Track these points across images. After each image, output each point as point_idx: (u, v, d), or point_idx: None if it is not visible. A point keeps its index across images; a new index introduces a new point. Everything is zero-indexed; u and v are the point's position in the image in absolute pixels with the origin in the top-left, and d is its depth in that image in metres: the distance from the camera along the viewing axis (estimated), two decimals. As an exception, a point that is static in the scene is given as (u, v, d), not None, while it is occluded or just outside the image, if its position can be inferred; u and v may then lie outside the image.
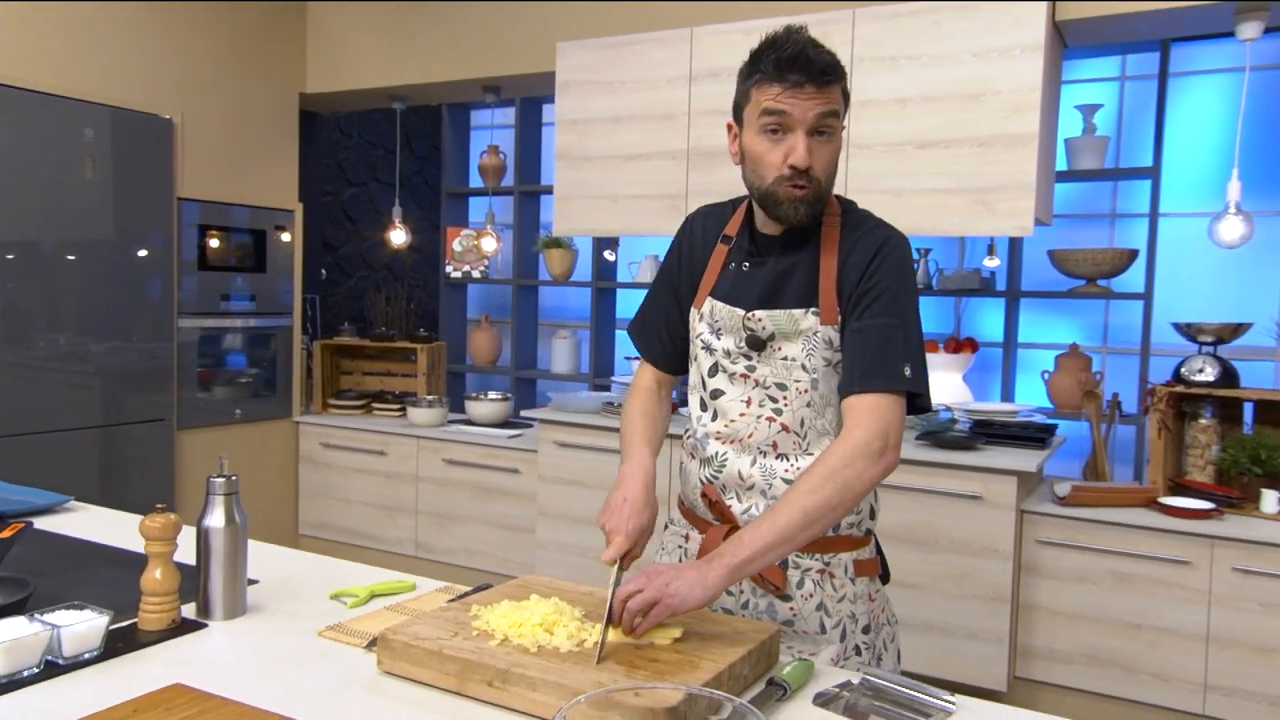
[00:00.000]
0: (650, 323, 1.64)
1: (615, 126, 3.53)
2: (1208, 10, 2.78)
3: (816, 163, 1.37)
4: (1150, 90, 3.88)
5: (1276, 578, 2.61)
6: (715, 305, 1.51)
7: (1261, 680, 2.65)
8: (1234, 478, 2.89)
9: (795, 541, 1.31)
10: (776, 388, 1.45)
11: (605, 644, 1.27)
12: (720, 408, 1.51)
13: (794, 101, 1.35)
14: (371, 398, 4.54)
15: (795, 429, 1.45)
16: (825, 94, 1.35)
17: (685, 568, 1.29)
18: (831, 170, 1.41)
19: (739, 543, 1.30)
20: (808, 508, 1.29)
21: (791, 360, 1.44)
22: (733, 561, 1.28)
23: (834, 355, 1.43)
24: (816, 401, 1.44)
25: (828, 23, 3.11)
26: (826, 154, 1.38)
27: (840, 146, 1.42)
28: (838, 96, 1.37)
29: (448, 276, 5.21)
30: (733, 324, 1.48)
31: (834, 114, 1.36)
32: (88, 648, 1.32)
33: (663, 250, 4.56)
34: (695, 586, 1.26)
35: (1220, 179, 3.78)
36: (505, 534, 3.87)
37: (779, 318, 1.44)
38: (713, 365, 1.52)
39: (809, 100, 1.34)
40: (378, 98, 4.46)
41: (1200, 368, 2.90)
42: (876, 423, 1.32)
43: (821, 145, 1.37)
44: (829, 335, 1.42)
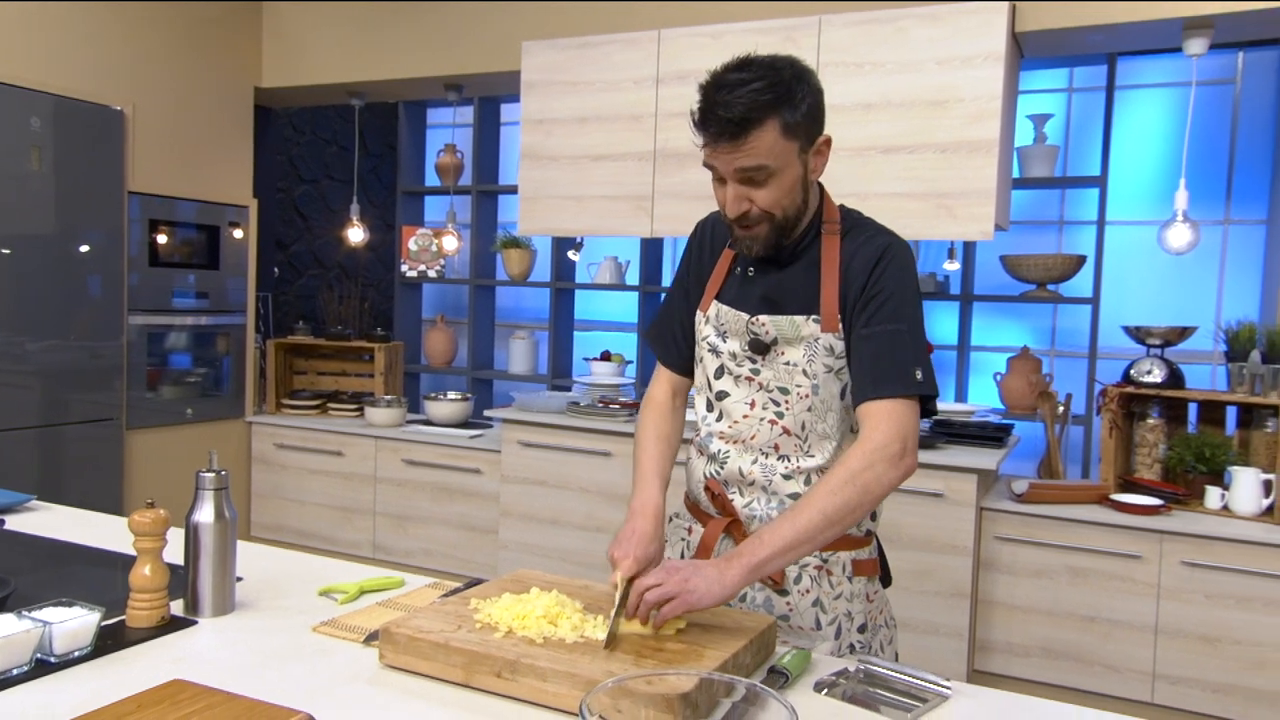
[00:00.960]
0: (667, 327, 1.66)
1: (582, 127, 3.54)
2: (1157, 26, 2.90)
3: (760, 202, 1.38)
4: (1095, 102, 4.02)
5: (1221, 570, 2.72)
6: (721, 309, 1.54)
7: (1206, 669, 2.76)
8: (1180, 475, 3.01)
9: (815, 542, 1.33)
10: (779, 391, 1.48)
11: (615, 634, 1.29)
12: (726, 408, 1.54)
13: (716, 156, 1.36)
14: (327, 398, 4.47)
15: (796, 432, 1.48)
16: (742, 147, 1.32)
17: (704, 565, 1.31)
18: (786, 201, 1.39)
19: (759, 542, 1.32)
20: (827, 509, 1.32)
21: (793, 365, 1.47)
22: (752, 561, 1.31)
23: (835, 362, 1.45)
24: (817, 406, 1.47)
25: (795, 28, 3.16)
26: (766, 195, 1.37)
27: (795, 179, 1.38)
28: (762, 145, 1.33)
29: (403, 276, 5.15)
30: (738, 328, 1.51)
31: (757, 167, 1.34)
32: (78, 645, 1.29)
33: (623, 251, 4.61)
34: (714, 584, 1.28)
35: (1161, 189, 3.94)
36: (466, 535, 3.85)
37: (781, 323, 1.47)
38: (719, 367, 1.55)
39: (727, 155, 1.34)
40: (336, 94, 4.40)
41: (1149, 369, 3.02)
42: (894, 426, 1.35)
43: (761, 190, 1.37)
44: (830, 342, 1.45)
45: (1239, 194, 3.86)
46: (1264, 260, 3.80)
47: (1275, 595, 2.67)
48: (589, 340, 5.02)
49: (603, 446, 3.49)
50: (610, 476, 3.50)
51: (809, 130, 1.38)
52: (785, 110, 1.34)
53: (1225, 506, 2.87)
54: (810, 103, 1.37)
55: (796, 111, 1.35)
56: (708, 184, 1.47)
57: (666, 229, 3.42)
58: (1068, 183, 3.80)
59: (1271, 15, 2.78)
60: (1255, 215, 3.82)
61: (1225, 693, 2.74)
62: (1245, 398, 2.88)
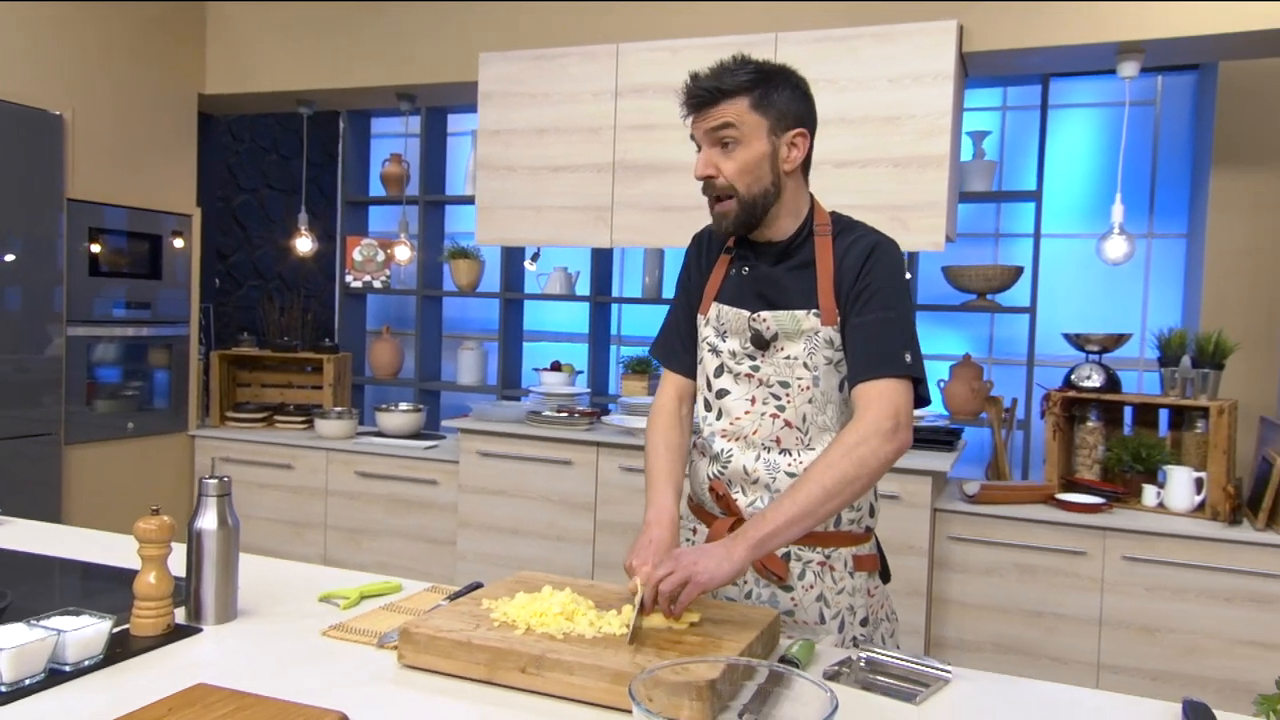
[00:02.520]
0: (672, 336, 1.72)
1: (540, 138, 3.57)
2: (1093, 49, 3.06)
3: (725, 171, 1.50)
4: (1026, 120, 4.21)
5: (1158, 564, 2.88)
6: (721, 309, 1.60)
7: (1146, 658, 2.91)
8: (1118, 474, 3.17)
9: (816, 515, 1.39)
10: (780, 385, 1.54)
11: (638, 629, 1.32)
12: (725, 406, 1.59)
13: (694, 125, 1.53)
14: (273, 410, 4.39)
15: (798, 424, 1.54)
16: (714, 112, 1.48)
17: (710, 547, 1.36)
18: (749, 178, 1.50)
19: (761, 519, 1.38)
20: (826, 482, 1.38)
21: (794, 359, 1.53)
22: (756, 536, 1.36)
23: (834, 354, 1.53)
24: (818, 398, 1.53)
25: (751, 44, 3.25)
26: (733, 163, 1.49)
27: (760, 154, 1.50)
28: (731, 110, 1.47)
29: (347, 286, 5.10)
30: (738, 325, 1.57)
31: (725, 125, 1.48)
32: (90, 654, 1.28)
33: (572, 262, 4.63)
34: (723, 562, 1.33)
35: (1088, 204, 4.15)
36: (422, 546, 3.82)
37: (782, 318, 1.53)
38: (718, 366, 1.60)
39: (702, 121, 1.50)
40: (284, 101, 4.34)
41: (1088, 375, 3.17)
42: (886, 404, 1.43)
43: (725, 155, 1.50)
44: (829, 335, 1.52)
45: (1160, 209, 4.09)
46: (1184, 271, 4.03)
47: (1207, 586, 2.83)
48: (538, 351, 5.03)
49: (563, 455, 3.52)
50: (571, 485, 3.52)
51: (781, 115, 1.49)
52: (758, 90, 1.48)
53: (1161, 503, 3.03)
54: (788, 94, 1.50)
55: (771, 96, 1.48)
56: (667, 195, 1.58)
57: (626, 239, 3.47)
58: (1006, 197, 3.97)
59: (1197, 42, 2.96)
60: (1176, 229, 4.05)
61: (1164, 679, 2.89)
62: (1177, 400, 3.05)
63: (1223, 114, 3.65)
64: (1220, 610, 2.82)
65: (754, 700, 1.21)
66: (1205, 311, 3.67)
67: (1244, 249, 3.62)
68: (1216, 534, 2.83)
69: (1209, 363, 3.04)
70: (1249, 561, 2.80)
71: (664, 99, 3.38)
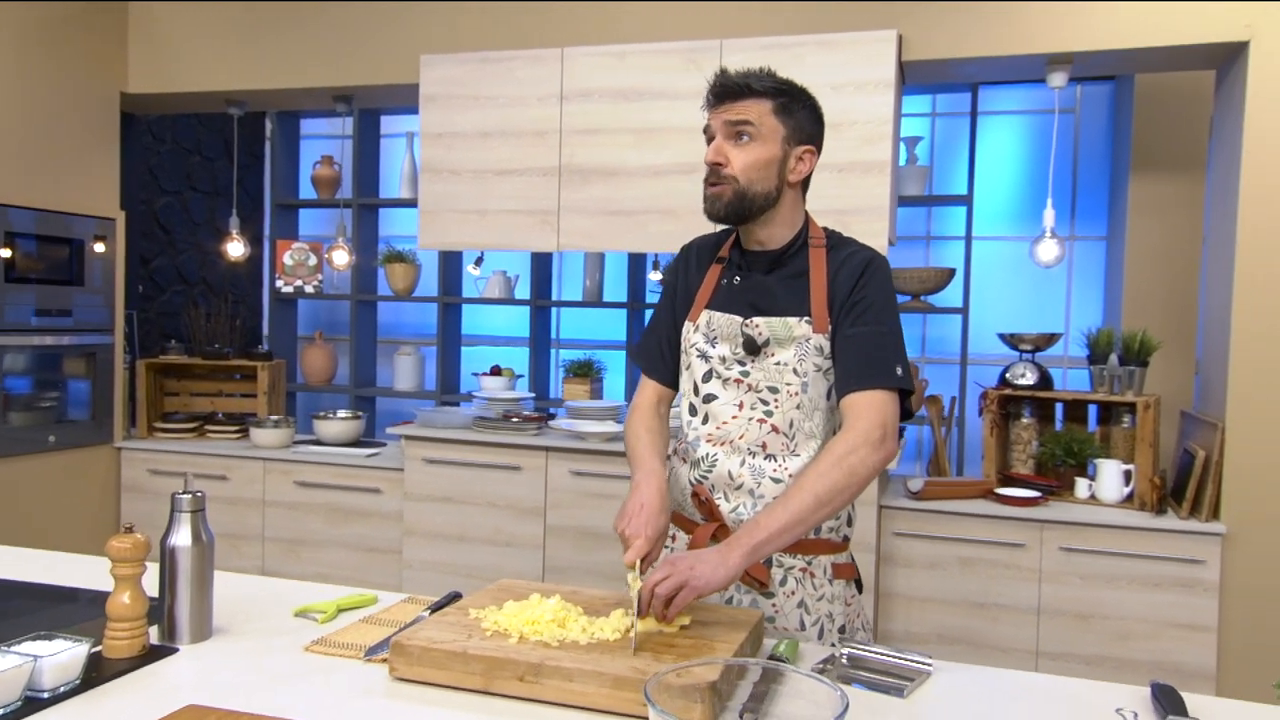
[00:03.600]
0: (654, 342, 1.74)
1: (484, 141, 3.54)
2: (1024, 60, 3.18)
3: (733, 162, 1.55)
4: (955, 126, 4.36)
5: (1092, 554, 3.01)
6: (713, 315, 1.62)
7: (1082, 643, 3.03)
8: (1052, 469, 3.29)
9: (807, 524, 1.42)
10: (769, 391, 1.57)
11: (636, 634, 1.33)
12: (712, 411, 1.61)
13: (713, 116, 1.58)
14: (204, 420, 4.26)
15: (784, 430, 1.57)
16: (733, 106, 1.55)
17: (705, 553, 1.38)
18: (755, 175, 1.55)
19: (755, 526, 1.40)
20: (818, 491, 1.41)
21: (784, 365, 1.56)
22: (751, 543, 1.38)
23: (824, 362, 1.56)
24: (805, 404, 1.56)
25: (698, 50, 3.29)
26: (742, 156, 1.54)
27: (771, 156, 1.55)
28: (755, 109, 1.54)
29: (278, 291, 4.97)
30: (730, 331, 1.59)
31: (743, 121, 1.54)
32: (68, 679, 1.23)
33: (511, 266, 4.61)
34: (718, 568, 1.35)
35: (1012, 208, 4.31)
36: (365, 556, 3.75)
37: (774, 324, 1.56)
38: (707, 371, 1.62)
39: (721, 113, 1.56)
40: (212, 102, 4.21)
41: (1023, 373, 3.29)
42: (876, 415, 1.47)
43: (738, 148, 1.55)
44: (820, 343, 1.55)
45: (1081, 213, 4.26)
46: (1105, 272, 4.21)
47: (1137, 573, 2.97)
48: (477, 355, 4.98)
49: (512, 461, 3.50)
50: (519, 491, 3.50)
51: (798, 128, 1.56)
52: (783, 99, 1.54)
53: (1092, 495, 3.16)
54: (807, 113, 1.57)
55: (791, 107, 1.55)
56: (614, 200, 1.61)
57: (573, 244, 3.47)
58: (939, 201, 4.09)
59: (1121, 55, 3.11)
60: (1096, 232, 4.23)
61: (1097, 664, 3.01)
62: (1106, 397, 3.19)
63: (1140, 123, 3.82)
64: (1149, 595, 2.96)
65: (751, 699, 1.23)
66: (1126, 311, 3.84)
67: (1161, 251, 3.81)
68: (1145, 523, 2.97)
69: (1135, 360, 3.19)
70: (1175, 548, 2.94)
71: (611, 103, 3.39)
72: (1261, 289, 2.90)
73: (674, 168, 3.32)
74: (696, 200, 3.25)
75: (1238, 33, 2.92)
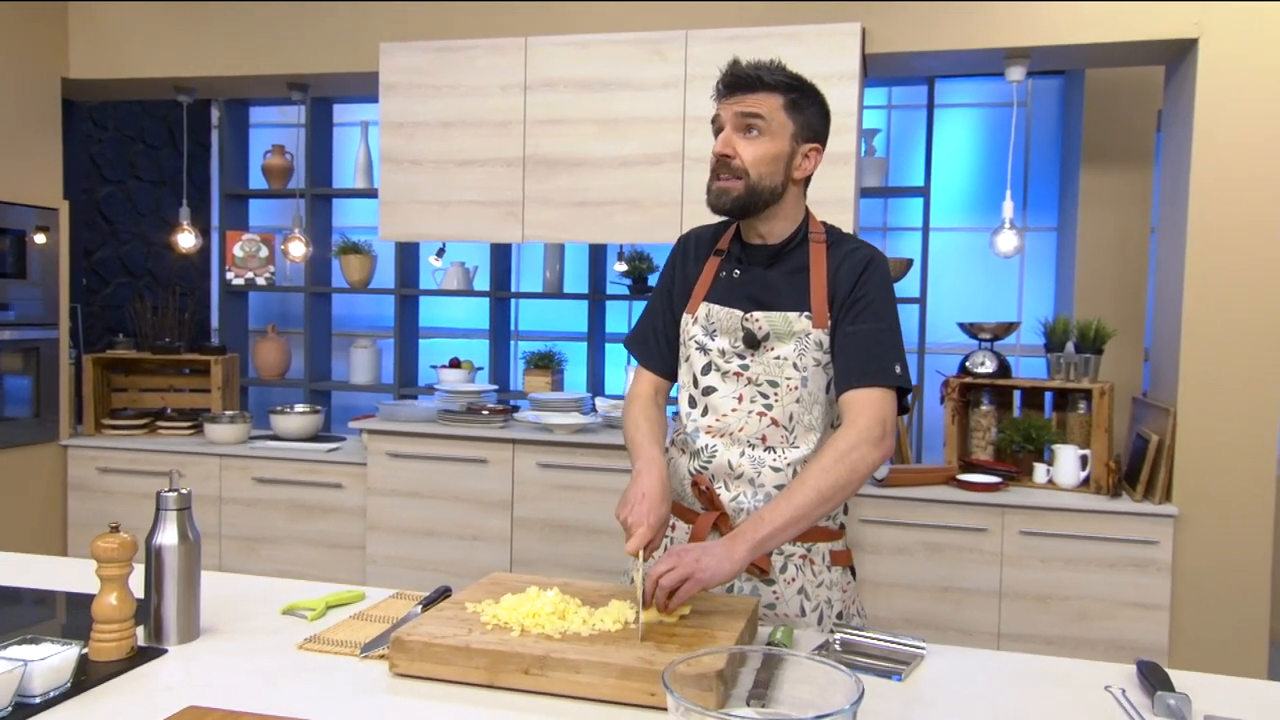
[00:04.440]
0: (650, 333, 1.73)
1: (446, 131, 3.50)
2: (984, 54, 3.24)
3: (743, 155, 1.54)
4: (910, 118, 4.42)
5: (1051, 537, 3.08)
6: (711, 308, 1.62)
7: (1042, 625, 3.11)
8: (1010, 454, 3.37)
9: (810, 518, 1.43)
10: (769, 384, 1.58)
11: (642, 624, 1.33)
12: (712, 403, 1.61)
13: (723, 107, 1.57)
14: (154, 416, 4.15)
15: (784, 423, 1.58)
16: (746, 98, 1.54)
17: (711, 545, 1.38)
18: (764, 169, 1.55)
19: (760, 520, 1.41)
20: (821, 487, 1.42)
21: (784, 359, 1.57)
22: (756, 537, 1.39)
23: (823, 356, 1.57)
24: (805, 398, 1.57)
25: (663, 41, 3.28)
26: (753, 150, 1.54)
27: (780, 151, 1.56)
28: (765, 102, 1.53)
29: (228, 284, 4.86)
30: (730, 325, 1.60)
31: (755, 114, 1.53)
32: (58, 683, 1.19)
33: (470, 257, 4.56)
34: (724, 561, 1.35)
35: (966, 199, 4.39)
36: (327, 552, 3.69)
37: (774, 319, 1.57)
38: (706, 364, 1.62)
39: (733, 104, 1.55)
40: (160, 88, 4.09)
41: (982, 361, 3.36)
42: (875, 413, 1.48)
43: (747, 141, 1.54)
44: (819, 338, 1.56)
45: (1032, 204, 4.36)
46: (1056, 262, 4.31)
47: (1094, 555, 3.05)
48: (434, 348, 4.93)
49: (478, 454, 3.47)
50: (485, 484, 3.47)
51: (806, 125, 1.56)
52: (794, 95, 1.54)
53: (1050, 480, 3.24)
54: (816, 110, 1.57)
55: (801, 104, 1.55)
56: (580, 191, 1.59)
57: (538, 235, 3.45)
58: (897, 193, 4.15)
59: (1077, 50, 3.18)
60: (1048, 223, 4.33)
61: (1058, 644, 3.10)
62: (1063, 384, 3.27)
63: (1090, 116, 3.92)
64: (1106, 576, 3.05)
65: (756, 685, 1.24)
66: (1078, 300, 3.94)
67: (1112, 241, 3.91)
68: (1101, 506, 3.05)
69: (1090, 348, 3.27)
70: (1129, 530, 3.03)
71: (575, 94, 3.37)
72: (1211, 279, 3.00)
73: (640, 159, 3.32)
74: (663, 191, 3.28)
75: (1187, 30, 3.01)
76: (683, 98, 3.27)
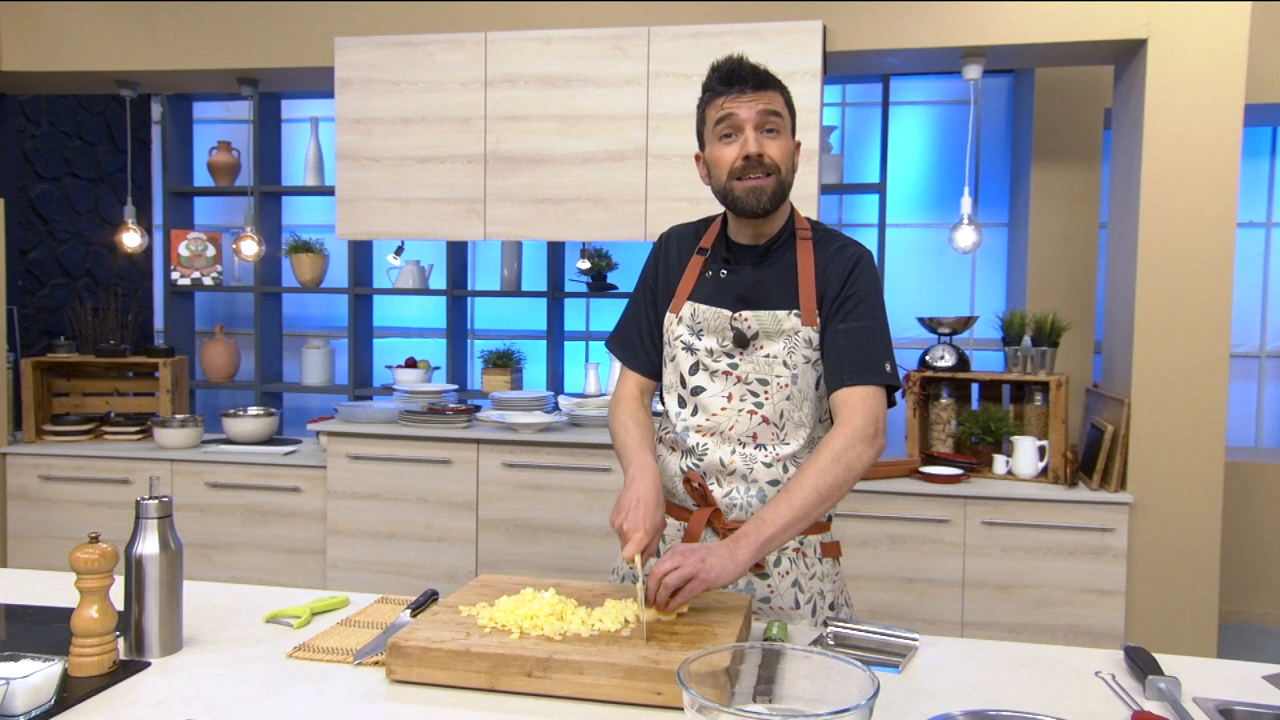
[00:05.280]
0: (634, 334, 1.72)
1: (405, 127, 3.44)
2: (942, 52, 3.29)
3: (772, 153, 1.53)
4: (865, 116, 4.47)
5: (1012, 526, 3.15)
6: (697, 308, 1.61)
7: (1003, 613, 3.18)
8: (969, 446, 3.43)
9: (810, 518, 1.44)
10: (758, 383, 1.58)
11: (645, 623, 1.33)
12: (701, 403, 1.61)
13: (738, 104, 1.53)
14: (99, 421, 4.01)
15: (774, 420, 1.58)
16: (764, 96, 1.53)
17: (715, 546, 1.38)
18: (789, 164, 1.56)
19: (761, 521, 1.41)
20: (820, 487, 1.43)
21: (773, 357, 1.57)
22: (759, 539, 1.39)
23: (812, 354, 1.57)
24: (795, 395, 1.57)
25: (624, 37, 3.27)
26: (778, 147, 1.54)
27: (792, 147, 1.57)
28: (777, 99, 1.55)
29: (173, 284, 4.72)
30: (718, 324, 1.59)
31: (775, 113, 1.53)
32: (41, 701, 1.15)
33: (426, 256, 4.50)
34: (728, 563, 1.35)
35: (919, 195, 4.46)
36: (285, 558, 3.61)
37: (763, 318, 1.56)
38: (694, 364, 1.61)
39: (750, 101, 1.52)
40: (100, 82, 3.95)
41: (942, 355, 3.41)
42: (869, 410, 1.49)
43: (772, 140, 1.54)
44: (809, 335, 1.56)
45: (983, 200, 4.44)
46: (1007, 258, 4.40)
47: (1053, 543, 3.12)
48: (389, 347, 4.85)
49: (442, 455, 3.42)
50: (449, 485, 3.43)
51: (794, 122, 1.59)
52: (785, 93, 1.57)
53: (1010, 471, 3.31)
54: (792, 108, 1.59)
55: (790, 101, 1.58)
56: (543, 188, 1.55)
57: (501, 232, 3.41)
58: (854, 189, 4.19)
59: (1030, 49, 3.24)
60: (998, 219, 4.42)
61: (1018, 631, 3.16)
62: (1020, 376, 3.34)
63: (1041, 115, 4.01)
64: (1064, 564, 3.12)
65: (761, 681, 1.24)
66: (1031, 294, 4.02)
67: (1062, 236, 4.01)
68: (1059, 495, 3.12)
69: (1046, 341, 3.34)
70: (1087, 518, 3.11)
71: (538, 89, 3.34)
72: (1163, 273, 3.09)
73: (603, 155, 3.30)
74: (627, 188, 3.27)
75: (1137, 30, 3.09)
76: (646, 94, 3.27)
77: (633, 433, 1.62)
